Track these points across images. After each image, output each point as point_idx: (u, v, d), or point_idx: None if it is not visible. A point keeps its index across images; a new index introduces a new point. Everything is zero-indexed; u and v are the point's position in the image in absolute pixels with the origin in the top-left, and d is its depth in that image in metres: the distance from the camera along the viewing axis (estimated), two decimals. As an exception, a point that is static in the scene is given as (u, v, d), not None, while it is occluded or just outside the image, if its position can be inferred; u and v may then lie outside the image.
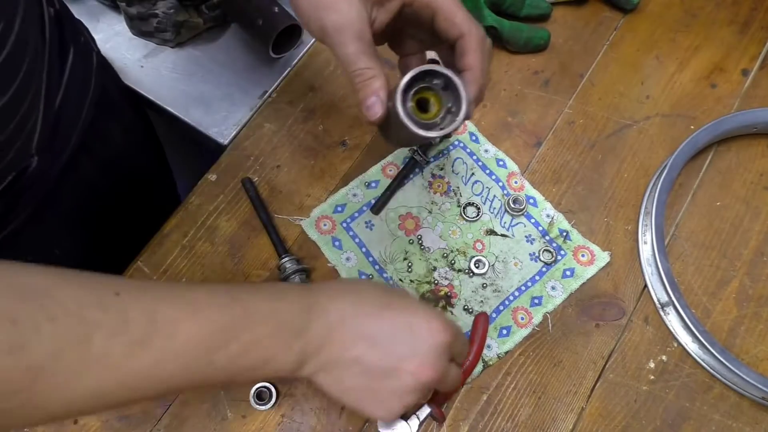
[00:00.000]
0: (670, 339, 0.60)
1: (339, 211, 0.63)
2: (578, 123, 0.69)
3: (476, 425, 0.57)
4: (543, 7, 0.72)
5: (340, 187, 0.65)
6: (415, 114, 0.43)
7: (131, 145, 0.73)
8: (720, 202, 0.66)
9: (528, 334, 0.59)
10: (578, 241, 0.63)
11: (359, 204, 0.64)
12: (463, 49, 0.45)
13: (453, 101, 0.44)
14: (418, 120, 0.43)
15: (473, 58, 0.44)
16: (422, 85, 0.43)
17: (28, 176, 0.52)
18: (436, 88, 0.44)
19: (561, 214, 0.64)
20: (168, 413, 0.56)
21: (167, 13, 0.70)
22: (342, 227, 0.63)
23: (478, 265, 0.61)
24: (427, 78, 0.43)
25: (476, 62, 0.44)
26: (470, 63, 0.44)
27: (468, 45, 0.44)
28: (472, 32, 0.44)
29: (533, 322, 0.60)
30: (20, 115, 0.48)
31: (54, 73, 0.54)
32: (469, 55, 0.44)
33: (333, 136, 0.67)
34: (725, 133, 0.66)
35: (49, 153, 0.54)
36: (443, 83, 0.44)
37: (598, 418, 0.57)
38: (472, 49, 0.44)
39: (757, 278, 0.62)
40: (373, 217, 0.63)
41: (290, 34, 0.69)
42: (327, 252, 0.62)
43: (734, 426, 0.57)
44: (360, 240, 0.62)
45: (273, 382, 0.57)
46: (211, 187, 0.64)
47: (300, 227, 0.63)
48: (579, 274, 0.62)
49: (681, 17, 0.74)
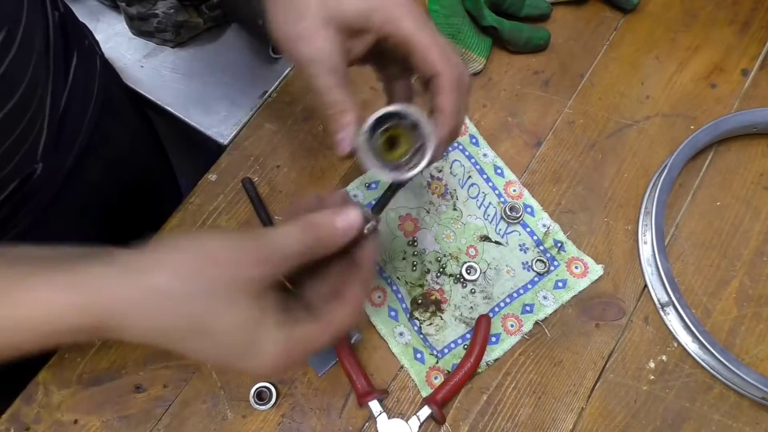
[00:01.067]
0: (670, 339, 0.60)
1: None
2: (578, 123, 0.69)
3: (476, 425, 0.57)
4: (543, 7, 0.72)
5: (340, 188, 0.65)
6: (384, 152, 0.43)
7: (135, 145, 0.73)
8: (720, 202, 0.66)
9: (517, 341, 0.59)
10: (572, 253, 0.63)
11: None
12: (436, 89, 0.43)
13: (422, 140, 0.43)
14: (383, 159, 0.43)
15: (445, 100, 0.43)
16: (391, 123, 0.43)
17: (33, 182, 0.52)
18: (404, 127, 0.43)
19: (557, 225, 0.64)
20: (168, 413, 0.56)
21: (167, 13, 0.70)
22: None
23: (470, 271, 0.61)
24: (396, 117, 0.43)
25: (448, 104, 0.43)
26: (442, 104, 0.43)
27: (441, 85, 0.43)
28: (446, 72, 0.42)
29: (523, 329, 0.60)
30: (25, 122, 0.48)
31: (58, 78, 0.53)
32: (442, 96, 0.43)
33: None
34: (725, 133, 0.66)
35: (54, 158, 0.54)
36: (411, 123, 0.43)
37: (598, 418, 0.57)
38: (446, 90, 0.43)
39: (757, 278, 0.62)
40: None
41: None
42: None
43: (734, 426, 0.57)
44: None
45: (273, 382, 0.57)
46: (211, 187, 0.64)
47: (300, 227, 0.63)
48: (571, 286, 0.61)
49: (681, 17, 0.74)
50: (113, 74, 0.70)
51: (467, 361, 0.56)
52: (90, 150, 0.61)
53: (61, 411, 0.56)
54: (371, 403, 0.55)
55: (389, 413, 0.56)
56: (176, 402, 0.57)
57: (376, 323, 0.59)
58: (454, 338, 0.59)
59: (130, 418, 0.56)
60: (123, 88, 0.71)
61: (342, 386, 0.57)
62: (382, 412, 0.55)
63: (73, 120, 0.57)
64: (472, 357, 0.56)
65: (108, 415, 0.56)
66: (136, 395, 0.57)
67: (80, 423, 0.56)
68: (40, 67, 0.49)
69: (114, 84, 0.68)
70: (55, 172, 0.56)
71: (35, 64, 0.47)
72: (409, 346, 0.59)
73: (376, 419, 0.55)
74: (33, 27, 0.46)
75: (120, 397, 0.57)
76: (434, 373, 0.58)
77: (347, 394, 0.57)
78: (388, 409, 0.57)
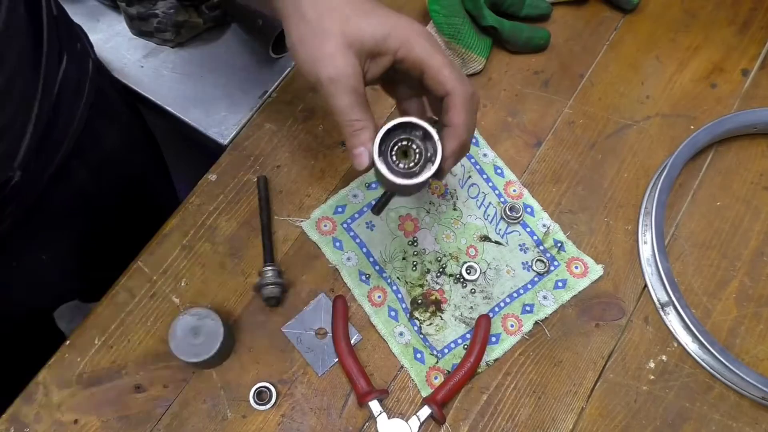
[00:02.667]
0: (670, 339, 0.60)
1: (340, 212, 0.63)
2: (578, 123, 0.69)
3: (476, 425, 0.57)
4: (543, 7, 0.72)
5: (340, 188, 0.65)
6: (396, 161, 0.47)
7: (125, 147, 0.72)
8: (720, 202, 0.66)
9: (517, 341, 0.59)
10: (572, 253, 0.63)
11: (360, 205, 0.64)
12: (447, 106, 0.47)
13: (432, 151, 0.46)
14: (395, 167, 0.46)
15: (456, 116, 0.47)
16: (404, 135, 0.46)
17: (11, 187, 0.52)
18: (416, 138, 0.46)
19: (557, 225, 0.64)
20: (168, 413, 0.56)
21: (167, 13, 0.70)
22: (343, 228, 0.63)
23: (470, 271, 0.61)
24: (408, 128, 0.46)
25: (459, 120, 0.46)
26: (453, 120, 0.47)
27: (452, 103, 0.47)
28: (457, 90, 0.46)
29: (523, 329, 0.60)
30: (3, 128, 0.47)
31: (48, 82, 0.53)
32: (453, 113, 0.47)
33: (333, 136, 0.67)
34: (725, 133, 0.66)
35: (35, 164, 0.54)
36: (422, 134, 0.46)
37: (598, 418, 0.57)
38: (457, 107, 0.47)
39: (757, 278, 0.62)
40: (373, 218, 0.63)
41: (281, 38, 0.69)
42: (328, 252, 0.62)
43: (734, 426, 0.57)
44: (361, 240, 0.62)
45: (273, 383, 0.57)
46: (211, 187, 0.64)
47: (300, 228, 0.63)
48: (571, 286, 0.61)
49: (681, 17, 0.74)
50: (107, 76, 0.70)
51: (467, 360, 0.57)
52: (77, 152, 0.60)
53: (61, 411, 0.56)
54: (371, 403, 0.55)
55: (389, 413, 0.56)
56: (176, 402, 0.57)
57: (376, 323, 0.59)
58: (454, 338, 0.59)
59: (130, 418, 0.56)
60: (117, 89, 0.71)
61: (342, 386, 0.57)
62: (382, 412, 0.55)
63: (60, 124, 0.56)
64: (472, 357, 0.56)
65: (108, 415, 0.56)
66: (136, 395, 0.57)
67: (80, 423, 0.56)
68: (18, 73, 0.48)
69: (108, 86, 0.68)
70: (37, 177, 0.55)
71: (13, 71, 0.47)
72: (409, 346, 0.59)
73: (376, 419, 0.55)
74: (12, 31, 0.45)
75: (120, 397, 0.57)
76: (434, 373, 0.58)
77: (347, 394, 0.57)
78: (388, 409, 0.57)
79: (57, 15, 0.56)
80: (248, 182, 0.64)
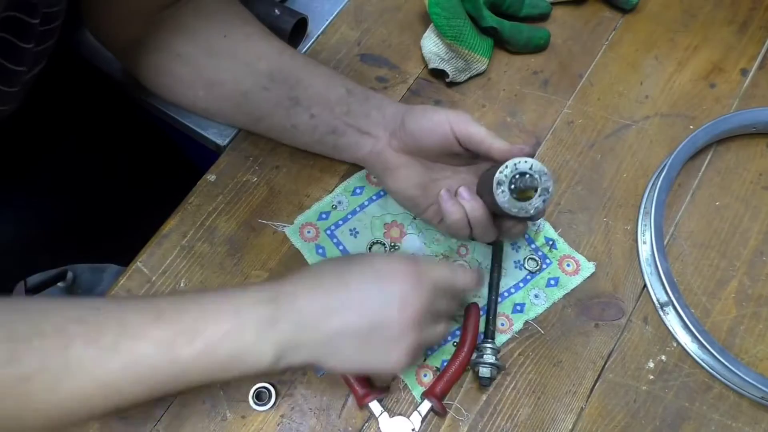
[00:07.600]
0: (670, 339, 0.60)
1: (324, 219, 0.63)
2: (577, 123, 0.69)
3: (476, 425, 0.57)
4: (542, 7, 0.72)
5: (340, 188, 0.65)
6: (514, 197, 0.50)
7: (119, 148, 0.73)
8: (719, 202, 0.66)
9: (507, 340, 0.59)
10: (564, 251, 0.63)
11: (344, 212, 0.63)
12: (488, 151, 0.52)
13: (545, 186, 0.50)
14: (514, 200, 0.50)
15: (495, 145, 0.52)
16: (519, 172, 0.50)
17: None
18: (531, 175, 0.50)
19: (548, 223, 0.64)
20: (168, 413, 0.56)
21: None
22: (326, 235, 0.62)
23: None
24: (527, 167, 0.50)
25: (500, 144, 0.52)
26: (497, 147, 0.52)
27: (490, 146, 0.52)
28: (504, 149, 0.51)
29: (513, 329, 0.60)
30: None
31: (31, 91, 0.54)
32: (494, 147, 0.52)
33: (332, 137, 0.67)
34: (724, 132, 0.66)
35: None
36: (537, 174, 0.50)
37: (597, 418, 0.57)
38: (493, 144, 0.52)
39: (757, 278, 0.62)
40: (357, 225, 0.63)
41: (290, 35, 0.69)
42: (310, 259, 0.61)
43: (734, 426, 0.57)
44: (344, 247, 0.62)
45: (272, 383, 0.57)
46: (210, 187, 0.64)
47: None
48: (563, 284, 0.61)
49: (680, 17, 0.74)
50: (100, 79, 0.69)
51: (461, 350, 0.56)
52: (67, 151, 0.61)
53: (60, 411, 0.56)
54: (371, 403, 0.55)
55: (390, 412, 0.56)
56: (176, 402, 0.57)
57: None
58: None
59: (130, 418, 0.56)
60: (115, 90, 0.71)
61: (341, 386, 0.57)
62: (383, 411, 0.55)
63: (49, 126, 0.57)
64: (466, 346, 0.56)
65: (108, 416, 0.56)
66: (136, 396, 0.57)
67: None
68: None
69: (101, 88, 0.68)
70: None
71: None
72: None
73: (378, 419, 0.55)
74: None
75: (119, 397, 0.57)
76: (423, 371, 0.58)
77: (347, 395, 0.57)
78: (389, 409, 0.57)
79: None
80: (247, 183, 0.64)
